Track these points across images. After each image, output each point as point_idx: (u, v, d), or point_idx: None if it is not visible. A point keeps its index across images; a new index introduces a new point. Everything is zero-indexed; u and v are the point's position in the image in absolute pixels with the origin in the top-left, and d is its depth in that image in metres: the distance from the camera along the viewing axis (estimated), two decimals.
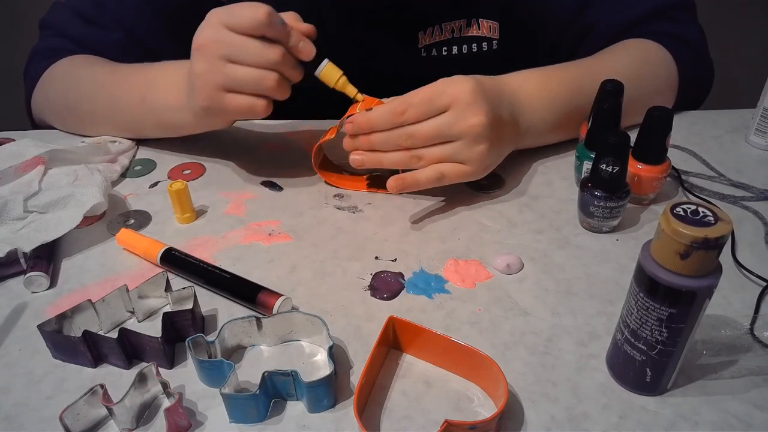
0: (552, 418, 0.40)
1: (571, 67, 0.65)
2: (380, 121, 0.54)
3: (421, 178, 0.55)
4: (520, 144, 0.62)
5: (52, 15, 0.73)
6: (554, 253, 0.53)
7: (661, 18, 0.70)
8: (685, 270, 0.34)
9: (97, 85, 0.66)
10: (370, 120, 0.55)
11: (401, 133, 0.54)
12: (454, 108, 0.53)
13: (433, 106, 0.53)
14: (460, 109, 0.53)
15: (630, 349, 0.40)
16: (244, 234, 0.56)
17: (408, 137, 0.54)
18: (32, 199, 0.55)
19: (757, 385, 0.42)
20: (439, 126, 0.53)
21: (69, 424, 0.38)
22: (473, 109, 0.53)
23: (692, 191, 0.60)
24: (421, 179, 0.55)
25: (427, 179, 0.55)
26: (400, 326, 0.43)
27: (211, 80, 0.53)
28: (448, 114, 0.53)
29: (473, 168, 0.55)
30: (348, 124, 0.55)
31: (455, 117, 0.53)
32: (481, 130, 0.53)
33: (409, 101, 0.53)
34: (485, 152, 0.55)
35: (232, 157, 0.67)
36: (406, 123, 0.54)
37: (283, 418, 0.40)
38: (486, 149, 0.54)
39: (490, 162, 0.57)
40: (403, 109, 0.53)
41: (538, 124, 0.61)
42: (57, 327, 0.44)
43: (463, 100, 0.53)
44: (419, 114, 0.53)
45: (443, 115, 0.53)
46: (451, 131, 0.53)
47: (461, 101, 0.53)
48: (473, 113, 0.53)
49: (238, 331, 0.44)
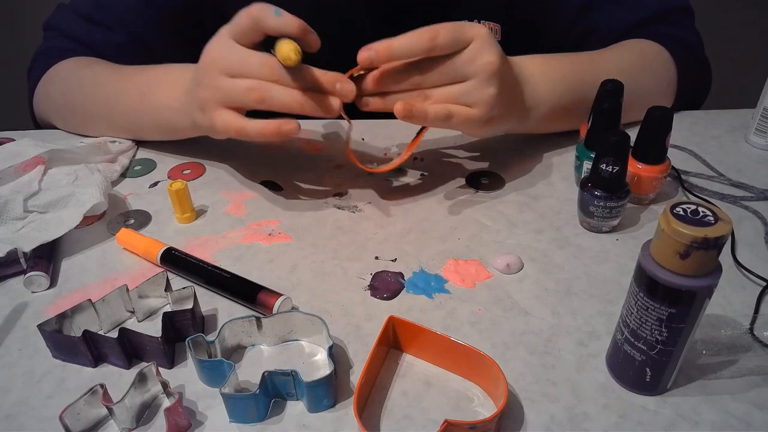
0: (552, 417, 0.40)
1: (573, 56, 0.65)
2: (405, 47, 0.51)
3: (430, 111, 0.53)
4: (523, 121, 0.61)
5: (56, 17, 0.74)
6: (554, 253, 0.53)
7: (660, 22, 0.71)
8: (684, 270, 0.34)
9: (97, 84, 0.66)
10: (391, 47, 0.51)
11: (414, 69, 0.52)
12: (473, 44, 0.52)
13: (460, 35, 0.52)
14: (478, 46, 0.52)
15: (630, 349, 0.40)
16: (244, 234, 0.56)
17: (421, 73, 0.52)
18: (32, 198, 0.55)
19: (757, 384, 0.42)
20: (454, 61, 0.52)
21: (69, 424, 0.38)
22: (490, 48, 0.52)
23: (692, 191, 0.60)
24: (430, 111, 0.53)
25: (435, 113, 0.53)
26: (400, 326, 0.43)
27: (210, 98, 0.53)
28: (465, 51, 0.52)
29: (480, 112, 0.54)
30: (364, 52, 0.51)
31: (471, 54, 0.52)
32: (494, 69, 0.52)
33: (438, 28, 0.51)
34: (494, 97, 0.53)
35: (232, 157, 0.67)
36: (433, 53, 0.52)
37: (283, 417, 0.40)
38: (495, 94, 0.53)
39: (495, 113, 0.55)
40: (434, 35, 0.51)
41: (541, 104, 0.61)
42: (57, 327, 0.44)
43: (482, 38, 0.52)
44: (448, 41, 0.51)
45: (460, 53, 0.52)
46: (466, 69, 0.52)
47: (480, 38, 0.52)
48: (489, 53, 0.52)
49: (238, 331, 0.44)
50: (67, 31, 0.72)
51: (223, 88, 0.52)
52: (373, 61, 0.51)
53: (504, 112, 0.56)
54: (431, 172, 0.64)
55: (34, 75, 0.72)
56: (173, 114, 0.60)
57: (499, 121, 0.57)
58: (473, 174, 0.64)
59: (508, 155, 0.66)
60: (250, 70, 0.51)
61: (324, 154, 0.68)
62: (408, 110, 0.52)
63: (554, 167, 0.65)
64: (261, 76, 0.51)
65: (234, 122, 0.52)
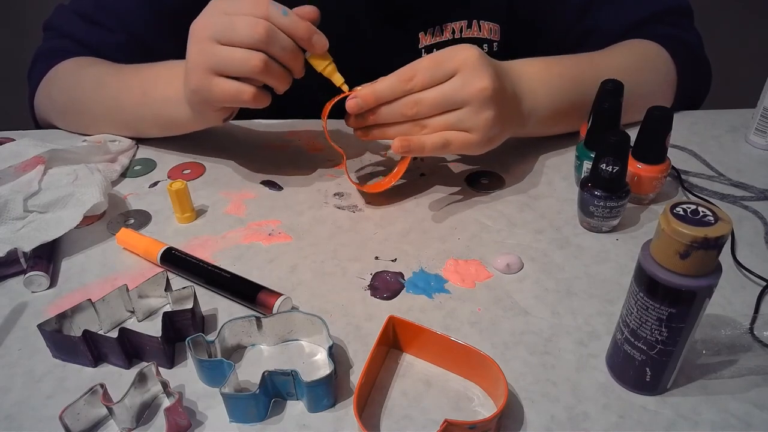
0: (552, 417, 0.40)
1: (572, 58, 0.65)
2: (387, 91, 0.53)
3: (427, 142, 0.54)
4: (523, 128, 0.61)
5: (55, 17, 0.74)
6: (554, 252, 0.53)
7: (660, 22, 0.71)
8: (684, 270, 0.34)
9: (99, 83, 0.66)
10: (375, 91, 0.53)
11: (407, 101, 0.53)
12: (462, 72, 0.52)
13: (440, 70, 0.52)
14: (468, 74, 0.52)
15: (630, 349, 0.40)
16: (244, 234, 0.56)
17: (414, 104, 0.53)
18: (32, 198, 0.55)
19: (757, 384, 0.42)
20: (445, 91, 0.53)
21: (69, 424, 0.38)
22: (480, 74, 0.52)
23: (692, 191, 0.60)
24: (427, 143, 0.54)
25: (432, 144, 0.54)
26: (400, 326, 0.43)
27: (200, 62, 0.53)
28: (454, 79, 0.53)
29: (478, 137, 0.54)
30: (351, 101, 0.54)
31: (462, 81, 0.52)
32: (488, 95, 0.52)
33: (416, 67, 0.53)
34: (491, 120, 0.54)
35: (232, 157, 0.67)
36: (414, 90, 0.53)
37: (283, 417, 0.40)
38: (492, 117, 0.54)
39: (494, 133, 0.55)
40: (411, 75, 0.52)
41: (540, 109, 0.61)
42: (57, 326, 0.44)
43: (471, 65, 0.52)
44: (427, 79, 0.52)
45: (450, 81, 0.53)
46: (458, 96, 0.53)
47: (468, 66, 0.52)
48: (480, 78, 0.52)
49: (238, 331, 0.44)
50: (66, 31, 0.72)
51: (216, 55, 0.52)
52: (362, 107, 0.54)
53: (502, 130, 0.57)
54: (431, 172, 0.64)
55: (34, 76, 0.72)
56: (174, 106, 0.60)
57: (499, 138, 0.58)
58: (473, 174, 0.64)
59: (508, 155, 0.66)
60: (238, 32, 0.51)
61: (324, 154, 0.68)
62: (406, 147, 0.54)
63: (554, 167, 0.65)
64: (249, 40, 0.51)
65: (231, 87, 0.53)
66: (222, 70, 0.52)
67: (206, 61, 0.52)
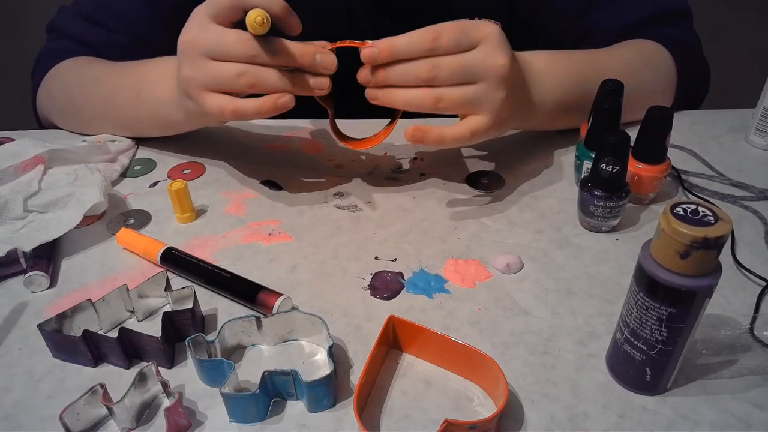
0: (552, 417, 0.40)
1: (577, 54, 0.65)
2: (407, 47, 0.50)
3: (447, 136, 0.52)
4: (528, 118, 0.61)
5: (58, 19, 0.74)
6: (554, 252, 0.53)
7: (658, 22, 0.71)
8: (684, 270, 0.34)
9: (95, 83, 0.67)
10: (394, 44, 0.50)
11: (425, 63, 0.50)
12: (484, 45, 0.51)
13: (465, 37, 0.51)
14: (490, 48, 0.51)
15: (630, 349, 0.40)
16: (244, 234, 0.56)
17: (432, 67, 0.50)
18: (32, 198, 0.55)
19: (757, 384, 0.42)
20: (467, 61, 0.51)
21: (69, 424, 0.38)
22: (502, 51, 0.51)
23: (692, 191, 0.60)
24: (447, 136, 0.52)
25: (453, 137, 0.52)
26: (399, 326, 0.43)
27: (193, 81, 0.52)
28: (476, 50, 0.51)
29: (488, 118, 0.53)
30: (367, 49, 0.50)
31: (484, 55, 0.51)
32: (506, 73, 0.51)
33: (441, 29, 0.50)
34: (503, 101, 0.52)
35: (232, 157, 0.67)
36: (436, 52, 0.50)
37: (283, 417, 0.40)
38: (504, 98, 0.52)
39: (504, 116, 0.54)
40: (436, 35, 0.49)
41: (546, 101, 0.61)
42: (57, 326, 0.44)
43: (494, 41, 0.51)
44: (453, 43, 0.50)
45: (472, 51, 0.51)
46: (477, 69, 0.51)
47: (492, 41, 0.51)
48: (501, 55, 0.51)
49: (238, 331, 0.44)
50: (69, 32, 0.73)
51: (208, 72, 0.51)
52: (376, 59, 0.51)
53: (511, 114, 0.56)
54: (431, 172, 0.64)
55: (37, 76, 0.73)
56: (167, 108, 0.60)
57: (506, 123, 0.56)
58: (473, 174, 0.64)
59: (508, 155, 0.66)
60: (227, 49, 0.50)
61: (324, 154, 0.68)
62: (418, 138, 0.52)
63: (554, 167, 0.65)
64: (239, 54, 0.50)
65: (228, 105, 0.51)
66: (217, 88, 0.52)
67: (201, 80, 0.52)
